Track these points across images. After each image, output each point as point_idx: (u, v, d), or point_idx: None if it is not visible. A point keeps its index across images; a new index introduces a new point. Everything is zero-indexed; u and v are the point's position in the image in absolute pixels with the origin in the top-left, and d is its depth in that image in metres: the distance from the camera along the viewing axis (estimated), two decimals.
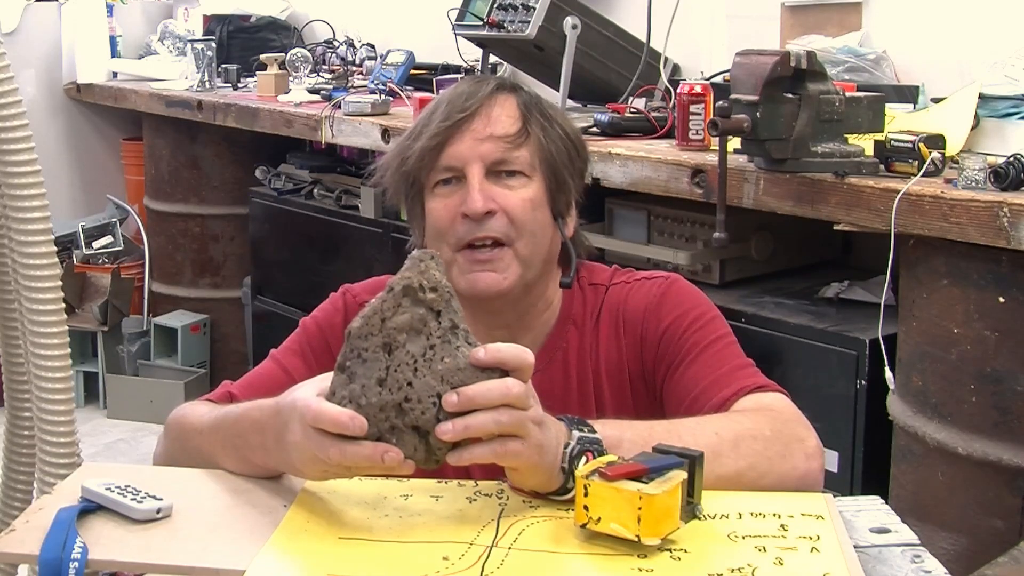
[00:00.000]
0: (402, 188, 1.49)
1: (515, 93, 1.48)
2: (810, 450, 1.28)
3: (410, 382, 1.08)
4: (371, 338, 1.09)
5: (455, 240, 1.43)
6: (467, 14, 3.00)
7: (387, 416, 1.08)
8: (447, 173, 1.44)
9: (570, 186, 1.49)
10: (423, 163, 1.44)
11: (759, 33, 2.90)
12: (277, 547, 1.10)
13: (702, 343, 1.44)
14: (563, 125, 1.50)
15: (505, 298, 1.45)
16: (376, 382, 1.08)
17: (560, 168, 1.47)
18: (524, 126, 1.45)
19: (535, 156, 1.45)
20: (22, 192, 1.63)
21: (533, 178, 1.45)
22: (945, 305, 1.94)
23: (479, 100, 1.44)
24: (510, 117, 1.45)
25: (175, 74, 4.35)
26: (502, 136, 1.43)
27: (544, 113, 1.48)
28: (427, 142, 1.43)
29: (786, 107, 2.00)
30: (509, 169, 1.43)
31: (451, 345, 1.09)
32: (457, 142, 1.43)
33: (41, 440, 1.69)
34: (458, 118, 1.43)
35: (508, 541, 1.10)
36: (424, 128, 1.45)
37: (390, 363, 1.08)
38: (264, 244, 4.08)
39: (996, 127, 2.12)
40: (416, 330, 1.09)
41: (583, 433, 1.17)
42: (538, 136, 1.45)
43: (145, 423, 4.14)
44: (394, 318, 1.09)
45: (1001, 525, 1.89)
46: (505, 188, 1.43)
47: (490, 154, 1.42)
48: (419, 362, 1.08)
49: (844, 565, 1.05)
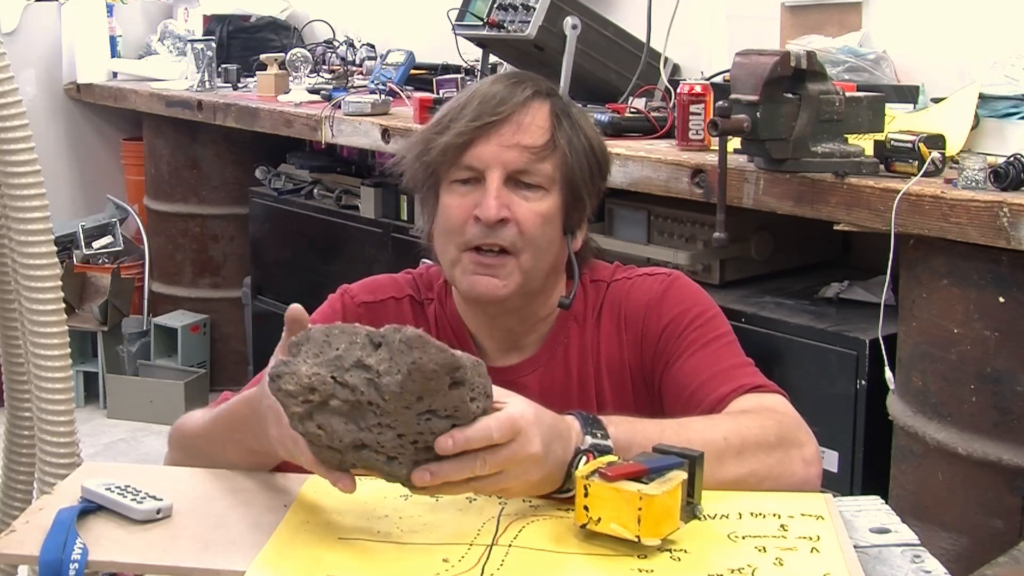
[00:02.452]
0: (419, 176, 1.48)
1: (549, 100, 1.45)
2: (809, 456, 1.28)
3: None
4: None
5: (463, 241, 1.42)
6: (467, 14, 3.00)
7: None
8: (467, 173, 1.43)
9: (585, 204, 1.49)
10: (445, 158, 1.43)
11: (759, 33, 2.90)
12: (277, 547, 1.10)
13: (701, 340, 1.44)
14: (590, 139, 1.48)
15: (503, 305, 1.45)
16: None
17: (579, 185, 1.46)
18: (552, 138, 1.43)
19: (557, 171, 1.43)
20: (22, 192, 1.63)
21: (551, 192, 1.44)
22: (945, 305, 1.94)
23: (512, 106, 1.42)
24: (540, 128, 1.43)
25: (175, 74, 4.35)
26: (529, 146, 1.41)
27: (574, 124, 1.46)
28: (452, 139, 1.42)
29: (786, 107, 2.00)
30: (529, 181, 1.42)
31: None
32: (483, 144, 1.41)
33: (41, 440, 1.69)
34: (488, 120, 1.41)
35: (508, 539, 1.10)
36: (452, 123, 1.43)
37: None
38: (264, 244, 4.08)
39: (996, 127, 2.12)
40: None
41: (596, 440, 1.16)
42: (564, 151, 1.44)
43: (145, 423, 4.14)
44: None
45: (1001, 525, 1.89)
46: (522, 199, 1.42)
47: (513, 162, 1.41)
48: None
49: (844, 565, 1.05)
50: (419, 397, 1.04)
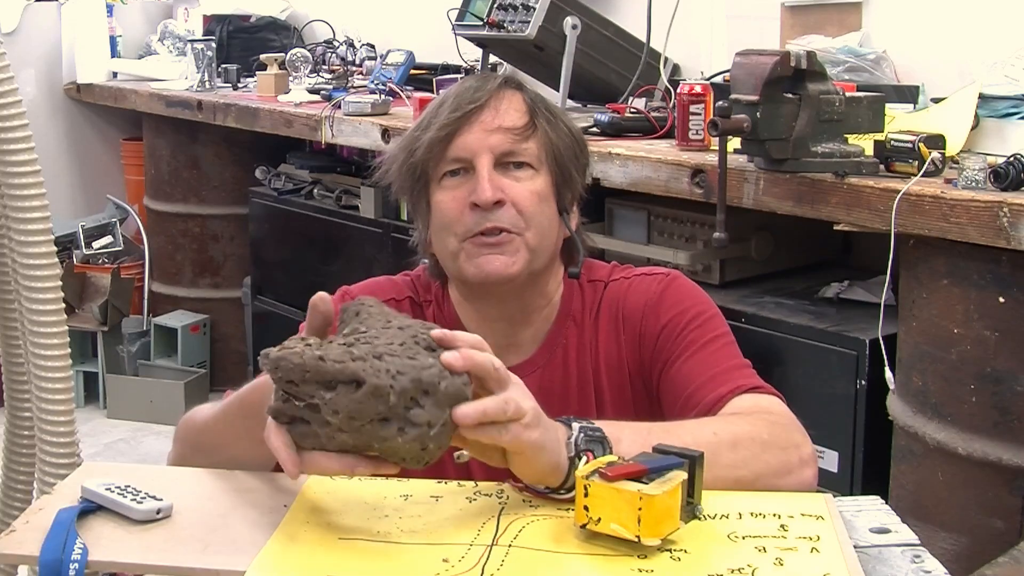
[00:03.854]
0: (408, 181, 1.49)
1: (521, 90, 1.49)
2: (805, 456, 1.29)
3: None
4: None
5: (463, 230, 1.43)
6: (467, 14, 3.00)
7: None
8: (456, 164, 1.44)
9: (576, 181, 1.50)
10: (432, 154, 1.44)
11: (759, 33, 2.90)
12: (277, 547, 1.10)
13: (700, 340, 1.44)
14: (567, 123, 1.51)
15: (511, 284, 1.45)
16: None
17: (566, 163, 1.48)
18: (532, 119, 1.46)
19: (542, 149, 1.46)
20: (22, 192, 1.63)
21: (540, 171, 1.45)
22: (945, 305, 1.94)
23: (488, 92, 1.45)
24: (518, 111, 1.45)
25: (175, 74, 4.35)
26: (511, 128, 1.44)
27: (549, 109, 1.50)
28: (436, 133, 1.43)
29: (786, 107, 2.00)
30: (517, 161, 1.44)
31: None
32: (466, 133, 1.43)
33: (41, 440, 1.69)
34: (468, 109, 1.43)
35: (508, 538, 1.10)
36: (432, 120, 1.45)
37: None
38: (264, 244, 4.08)
39: (996, 127, 2.12)
40: None
41: (583, 424, 1.17)
42: (545, 129, 1.46)
43: (145, 423, 4.14)
44: None
45: (1001, 525, 1.89)
46: (513, 180, 1.43)
47: (499, 145, 1.43)
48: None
49: (844, 565, 1.05)
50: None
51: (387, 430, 1.04)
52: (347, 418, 1.04)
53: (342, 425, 1.04)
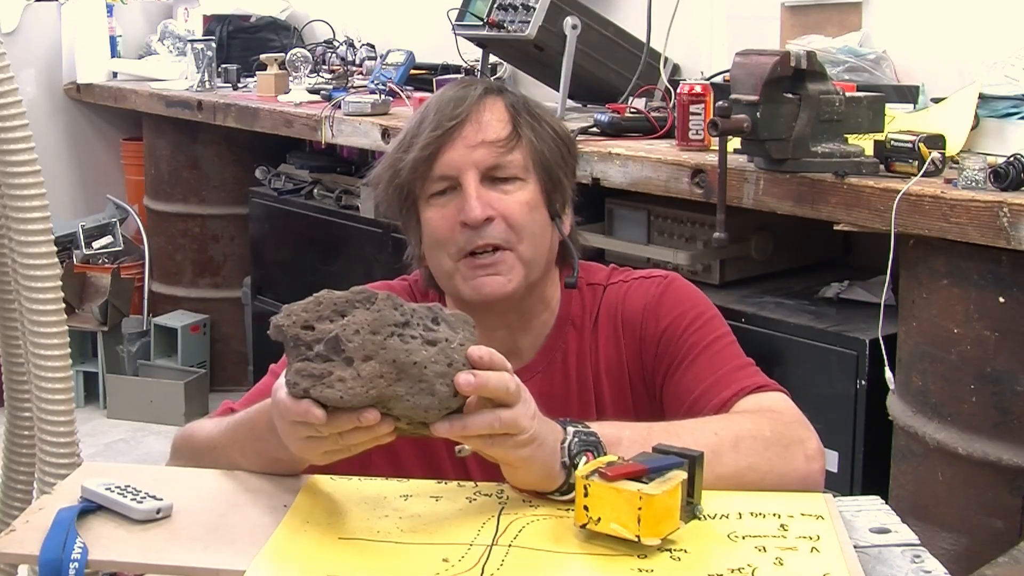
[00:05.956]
0: (396, 202, 1.47)
1: (502, 96, 1.46)
2: (811, 451, 1.28)
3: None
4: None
5: (456, 250, 1.42)
6: (467, 14, 3.00)
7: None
8: (442, 183, 1.42)
9: (565, 185, 1.49)
10: (416, 174, 1.43)
11: (759, 33, 2.90)
12: (277, 547, 1.10)
13: (701, 343, 1.44)
14: (552, 125, 1.49)
15: (509, 300, 1.44)
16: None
17: (554, 168, 1.46)
18: (515, 128, 1.43)
19: (528, 158, 1.44)
20: (22, 192, 1.63)
21: (528, 180, 1.44)
22: (945, 305, 1.94)
23: (467, 107, 1.42)
24: (500, 121, 1.43)
25: (175, 74, 4.35)
26: (494, 141, 1.42)
27: (532, 113, 1.47)
28: (419, 153, 1.42)
29: (786, 107, 2.00)
30: (503, 175, 1.42)
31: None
32: (449, 150, 1.41)
33: (41, 440, 1.70)
34: (448, 126, 1.41)
35: (508, 538, 1.10)
36: (414, 138, 1.44)
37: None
38: (264, 244, 4.08)
39: (996, 127, 2.12)
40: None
41: (577, 428, 1.17)
42: (529, 137, 1.44)
43: (145, 423, 4.14)
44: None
45: (1001, 525, 1.89)
46: (501, 193, 1.42)
47: (484, 160, 1.41)
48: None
49: (844, 565, 1.05)
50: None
51: (410, 342, 1.08)
52: (369, 333, 1.07)
53: (365, 347, 1.06)
